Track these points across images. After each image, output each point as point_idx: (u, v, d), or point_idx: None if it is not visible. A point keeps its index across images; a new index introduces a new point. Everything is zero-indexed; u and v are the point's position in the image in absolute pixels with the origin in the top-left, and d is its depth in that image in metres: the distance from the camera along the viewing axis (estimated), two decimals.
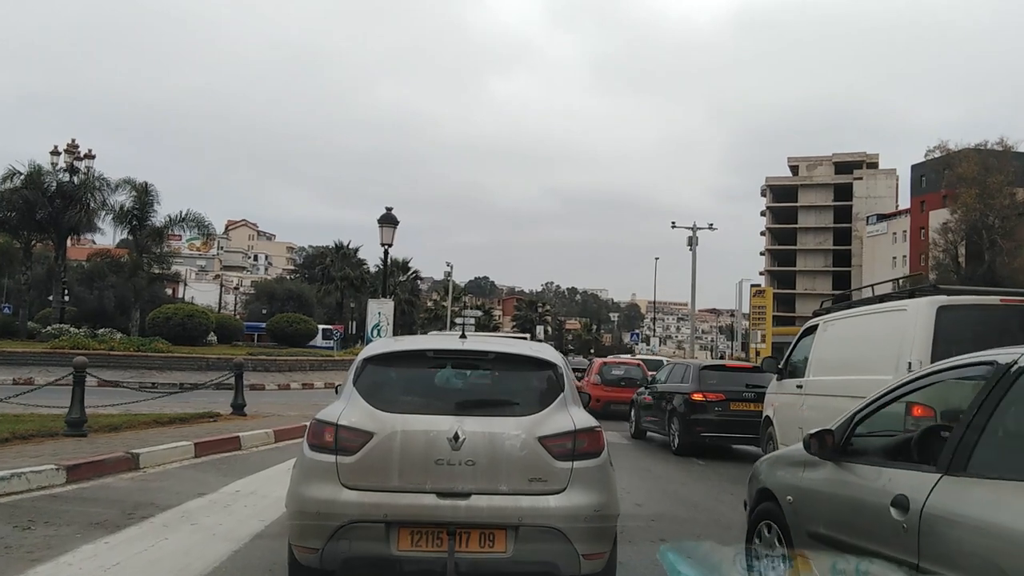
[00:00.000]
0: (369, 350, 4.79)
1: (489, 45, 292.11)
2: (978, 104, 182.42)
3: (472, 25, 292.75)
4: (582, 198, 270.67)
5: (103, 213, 32.87)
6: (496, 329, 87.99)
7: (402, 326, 70.36)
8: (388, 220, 17.23)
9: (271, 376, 26.80)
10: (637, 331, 75.41)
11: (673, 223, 37.24)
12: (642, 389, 15.73)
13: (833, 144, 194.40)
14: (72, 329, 27.33)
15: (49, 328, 27.98)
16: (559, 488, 4.08)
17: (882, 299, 8.64)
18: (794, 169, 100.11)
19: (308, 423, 4.76)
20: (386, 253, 17.33)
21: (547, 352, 4.81)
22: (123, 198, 32.93)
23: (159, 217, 34.05)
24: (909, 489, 3.17)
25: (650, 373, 18.13)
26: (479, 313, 66.61)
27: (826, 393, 8.58)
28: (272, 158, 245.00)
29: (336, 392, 4.63)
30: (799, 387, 9.59)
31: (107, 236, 39.04)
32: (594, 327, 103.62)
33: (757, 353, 54.47)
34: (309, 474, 4.15)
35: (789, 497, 4.20)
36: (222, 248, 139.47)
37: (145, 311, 32.22)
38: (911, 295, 7.79)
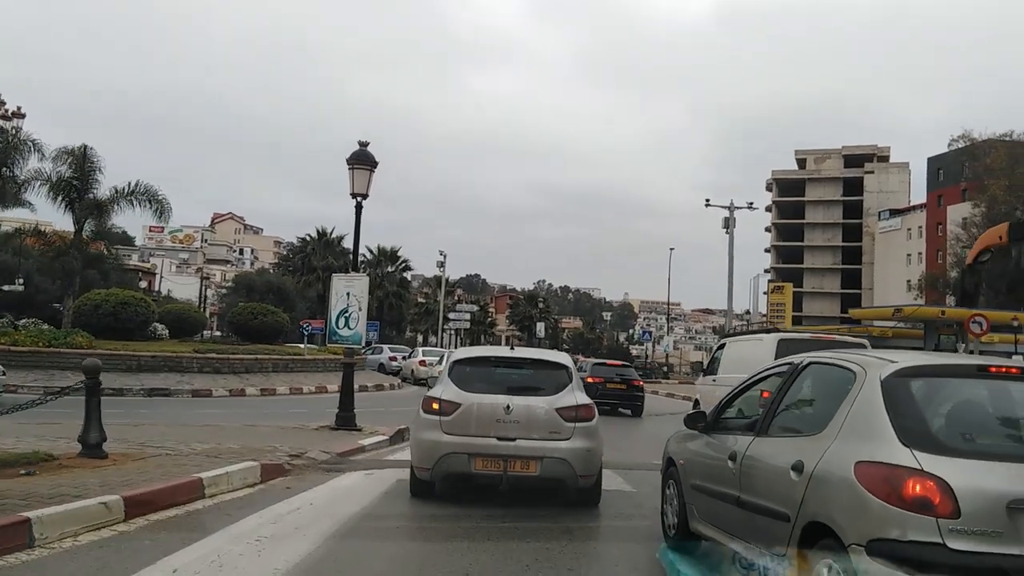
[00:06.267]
0: (456, 355, 8.11)
1: (473, 39, 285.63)
2: (974, 101, 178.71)
3: (455, 19, 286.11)
4: (571, 195, 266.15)
5: (37, 183, 27.95)
6: (492, 326, 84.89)
7: (390, 322, 64.98)
8: (362, 160, 11.87)
9: (222, 379, 21.74)
10: (649, 330, 70.46)
11: (707, 201, 32.61)
12: None
13: (826, 139, 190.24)
14: None
15: None
16: (567, 437, 6.96)
17: (754, 332, 16.82)
18: (801, 162, 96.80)
19: (195, 479, 6.36)
20: (358, 207, 12.03)
21: (563, 358, 8.14)
22: (62, 167, 28.06)
23: (104, 189, 29.20)
24: (739, 447, 4.78)
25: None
26: (475, 308, 61.53)
27: (726, 384, 12.59)
28: (258, 151, 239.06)
29: (428, 386, 8.18)
30: (714, 380, 15.33)
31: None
32: (595, 327, 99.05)
33: None
34: (423, 426, 7.13)
35: (681, 461, 5.83)
36: (206, 241, 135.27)
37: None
38: (767, 332, 15.70)
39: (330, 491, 7.48)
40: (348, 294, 12.24)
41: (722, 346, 16.46)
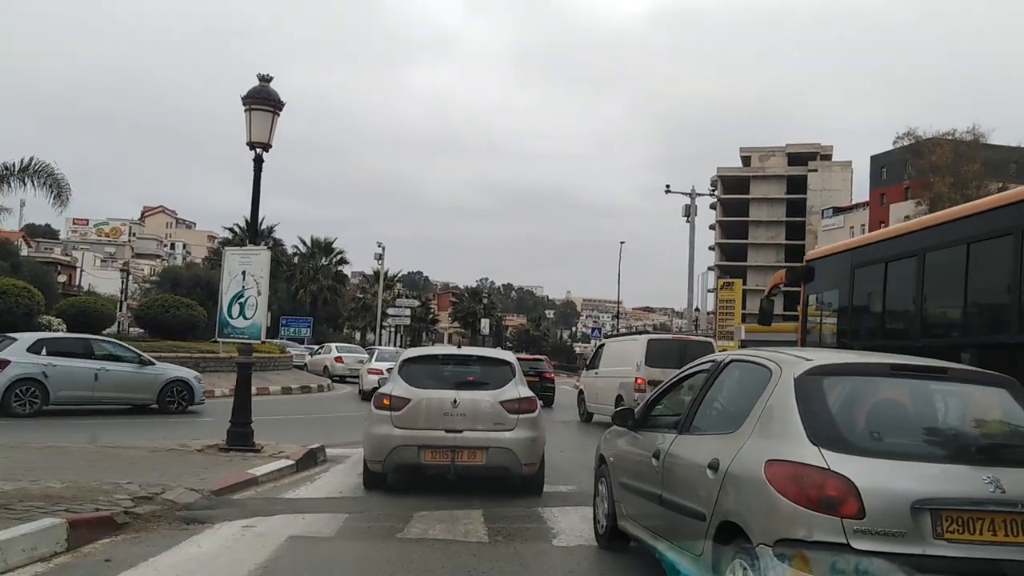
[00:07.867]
0: (406, 354, 8.61)
1: (412, 35, 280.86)
2: (915, 101, 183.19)
3: (391, 13, 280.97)
4: (513, 192, 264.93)
5: None
6: (435, 322, 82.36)
7: (326, 318, 61.56)
8: (261, 98, 9.02)
9: None
10: (599, 327, 69.30)
11: (668, 187, 30.37)
12: None
13: (769, 139, 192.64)
14: None
15: None
16: (511, 428, 7.45)
17: (628, 334, 22.33)
18: (746, 160, 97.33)
19: None
20: (258, 161, 9.00)
21: (507, 355, 8.77)
22: None
23: None
24: (662, 445, 4.68)
25: None
26: (416, 303, 58.69)
27: (606, 376, 17.53)
28: (193, 144, 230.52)
29: (376, 386, 8.86)
30: (596, 373, 18.67)
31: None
32: (540, 325, 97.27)
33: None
34: (375, 421, 7.59)
35: (611, 458, 5.78)
36: (135, 235, 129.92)
37: None
38: (640, 334, 20.42)
39: (172, 568, 4.74)
40: (244, 273, 9.35)
41: (602, 345, 19.98)
